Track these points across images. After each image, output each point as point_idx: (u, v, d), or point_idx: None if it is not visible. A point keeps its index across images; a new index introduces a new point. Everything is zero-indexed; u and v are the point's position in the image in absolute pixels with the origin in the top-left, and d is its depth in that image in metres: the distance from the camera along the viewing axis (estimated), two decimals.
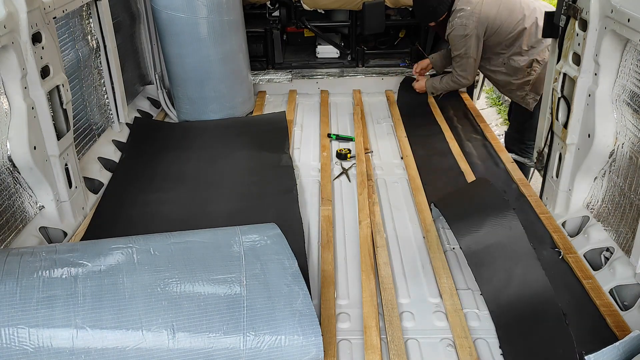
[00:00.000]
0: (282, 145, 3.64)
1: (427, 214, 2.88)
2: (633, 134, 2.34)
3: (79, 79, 3.22)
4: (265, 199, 3.03)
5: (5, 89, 2.39)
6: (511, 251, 2.33)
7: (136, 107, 4.15)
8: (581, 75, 2.55)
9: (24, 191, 2.56)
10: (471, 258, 2.36)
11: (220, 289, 1.84)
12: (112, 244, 1.99)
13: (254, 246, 2.04)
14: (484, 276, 2.31)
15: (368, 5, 4.38)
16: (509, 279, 2.25)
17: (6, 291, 1.71)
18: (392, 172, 3.39)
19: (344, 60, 4.84)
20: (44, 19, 2.56)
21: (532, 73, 3.73)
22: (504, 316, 2.17)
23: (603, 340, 2.02)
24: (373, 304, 2.24)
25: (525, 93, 3.83)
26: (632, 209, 2.35)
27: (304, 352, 1.79)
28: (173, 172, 3.34)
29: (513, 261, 2.29)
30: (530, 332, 2.09)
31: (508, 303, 2.19)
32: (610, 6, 2.29)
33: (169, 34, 3.81)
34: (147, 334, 1.71)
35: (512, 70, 3.80)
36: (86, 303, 1.73)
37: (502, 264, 2.31)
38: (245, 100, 4.24)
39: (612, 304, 2.22)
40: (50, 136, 2.60)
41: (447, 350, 2.07)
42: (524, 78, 3.77)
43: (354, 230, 2.80)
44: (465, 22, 3.69)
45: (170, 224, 2.80)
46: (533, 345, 2.04)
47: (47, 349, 1.64)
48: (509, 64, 3.79)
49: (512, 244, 2.34)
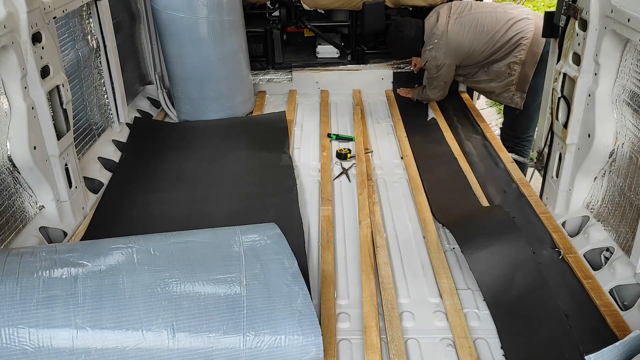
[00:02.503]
0: (282, 145, 3.64)
1: (427, 214, 2.88)
2: (633, 134, 2.34)
3: (79, 79, 3.22)
4: (265, 199, 3.02)
5: (5, 89, 2.39)
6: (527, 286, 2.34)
7: (136, 107, 4.15)
8: (581, 75, 2.55)
9: (24, 191, 2.56)
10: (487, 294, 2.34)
11: (220, 289, 1.84)
12: (112, 244, 1.99)
13: (254, 246, 2.04)
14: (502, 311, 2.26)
15: (368, 5, 4.38)
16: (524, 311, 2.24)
17: (6, 291, 1.71)
18: (392, 172, 3.39)
19: (344, 60, 4.84)
20: (44, 19, 2.56)
21: (513, 74, 3.85)
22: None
23: (603, 340, 2.02)
24: (373, 304, 2.24)
25: (512, 93, 3.94)
26: (632, 209, 2.35)
27: (304, 352, 1.79)
28: (173, 172, 3.34)
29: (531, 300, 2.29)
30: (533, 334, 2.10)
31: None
32: (610, 6, 2.29)
33: (169, 34, 3.81)
34: (147, 334, 1.71)
35: (494, 75, 3.94)
36: (86, 303, 1.73)
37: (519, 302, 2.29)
38: (245, 100, 4.24)
39: (612, 304, 2.22)
40: (50, 136, 2.60)
41: (447, 350, 2.07)
42: (506, 79, 3.89)
43: (354, 230, 2.80)
44: (435, 54, 3.90)
45: (170, 224, 2.80)
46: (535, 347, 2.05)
47: (47, 349, 1.64)
48: (490, 70, 3.94)
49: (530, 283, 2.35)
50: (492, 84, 3.99)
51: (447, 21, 3.86)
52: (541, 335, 2.11)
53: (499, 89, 3.97)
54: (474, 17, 3.84)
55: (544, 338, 2.10)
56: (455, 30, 3.83)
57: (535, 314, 2.21)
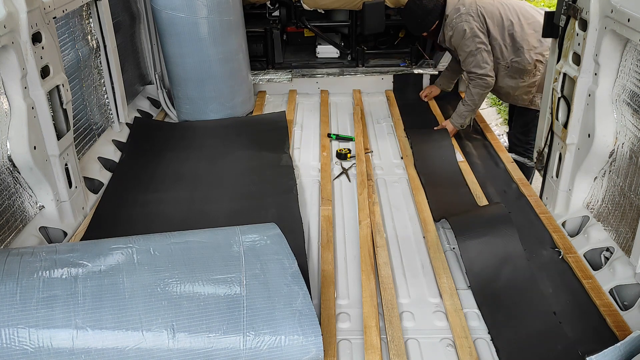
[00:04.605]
0: (282, 145, 3.64)
1: (427, 214, 2.88)
2: (633, 134, 2.34)
3: (79, 79, 3.22)
4: (265, 199, 3.02)
5: (5, 89, 2.39)
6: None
7: (136, 107, 4.15)
8: (581, 75, 2.55)
9: (24, 191, 2.56)
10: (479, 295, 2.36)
11: (220, 289, 1.84)
12: (112, 244, 1.99)
13: (254, 246, 2.04)
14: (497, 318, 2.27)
15: (368, 5, 4.38)
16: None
17: (6, 291, 1.71)
18: (392, 172, 3.39)
19: (344, 60, 4.84)
20: (44, 19, 2.56)
21: (537, 74, 3.65)
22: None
23: (603, 340, 2.02)
24: (373, 304, 2.24)
25: (533, 95, 3.75)
26: (632, 209, 2.35)
27: (303, 352, 1.79)
28: (173, 172, 3.34)
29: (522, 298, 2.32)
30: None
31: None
32: (610, 6, 2.29)
33: (169, 34, 3.81)
34: (147, 334, 1.71)
35: (518, 73, 3.69)
36: (86, 303, 1.73)
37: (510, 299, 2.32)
38: (245, 100, 4.24)
39: (612, 304, 2.22)
40: (50, 136, 2.60)
41: (447, 350, 2.07)
42: (530, 79, 3.68)
43: (354, 230, 2.80)
44: (464, 20, 3.59)
45: (170, 223, 2.80)
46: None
47: (47, 349, 1.64)
48: (512, 67, 3.69)
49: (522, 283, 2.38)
50: (512, 83, 3.72)
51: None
52: (528, 328, 2.14)
53: (520, 90, 3.74)
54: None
55: (530, 330, 2.12)
56: (484, 1, 3.64)
57: (522, 307, 2.24)
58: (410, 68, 4.66)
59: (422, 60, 4.69)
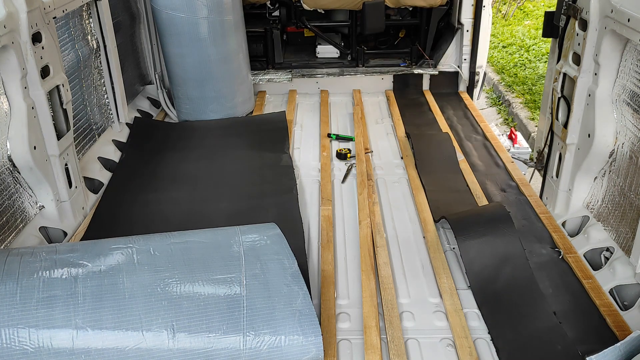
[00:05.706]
0: (282, 145, 3.64)
1: (427, 214, 2.88)
2: (633, 134, 2.34)
3: (79, 79, 3.22)
4: (265, 199, 3.02)
5: (5, 89, 2.39)
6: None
7: (136, 107, 4.15)
8: (581, 75, 2.55)
9: (24, 191, 2.56)
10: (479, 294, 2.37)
11: (220, 289, 1.84)
12: (112, 244, 1.99)
13: (254, 246, 2.04)
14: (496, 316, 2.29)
15: (368, 5, 4.38)
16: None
17: (6, 291, 1.71)
18: (392, 172, 3.39)
19: (344, 60, 4.84)
20: (44, 19, 2.56)
21: None
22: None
23: (603, 340, 2.02)
24: (373, 304, 2.24)
25: None
26: (632, 209, 2.35)
27: (303, 352, 1.79)
28: (173, 172, 3.34)
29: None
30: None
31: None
32: (610, 6, 2.29)
33: (169, 34, 3.81)
34: (147, 334, 1.71)
35: None
36: (86, 303, 1.73)
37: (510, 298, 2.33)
38: (245, 100, 4.24)
39: (612, 304, 2.22)
40: (50, 136, 2.60)
41: (447, 350, 2.07)
42: None
43: (354, 230, 2.80)
44: None
45: (170, 223, 2.80)
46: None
47: (47, 349, 1.64)
48: None
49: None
50: None
51: None
52: (528, 328, 2.13)
53: None
54: None
55: (530, 330, 2.12)
56: None
57: (522, 307, 2.24)
58: (410, 68, 4.66)
59: (422, 60, 4.69)
